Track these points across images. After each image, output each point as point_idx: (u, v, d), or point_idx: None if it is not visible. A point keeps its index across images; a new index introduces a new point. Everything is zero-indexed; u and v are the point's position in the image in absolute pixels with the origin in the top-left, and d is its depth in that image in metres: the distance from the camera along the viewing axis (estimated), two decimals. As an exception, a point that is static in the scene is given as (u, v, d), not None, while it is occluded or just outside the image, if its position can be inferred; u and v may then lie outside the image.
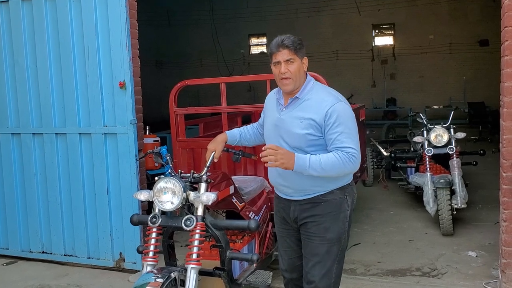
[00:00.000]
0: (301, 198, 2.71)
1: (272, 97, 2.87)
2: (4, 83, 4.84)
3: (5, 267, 4.87)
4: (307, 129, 2.58)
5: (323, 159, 2.51)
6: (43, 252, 4.90)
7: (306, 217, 2.70)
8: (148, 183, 5.00)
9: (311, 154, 2.54)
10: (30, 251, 4.96)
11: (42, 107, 4.72)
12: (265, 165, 2.52)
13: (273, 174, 2.80)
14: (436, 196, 5.27)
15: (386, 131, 10.95)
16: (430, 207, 5.28)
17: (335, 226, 2.68)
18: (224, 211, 4.25)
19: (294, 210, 2.74)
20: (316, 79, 3.50)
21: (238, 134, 3.15)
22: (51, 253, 4.86)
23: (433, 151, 5.61)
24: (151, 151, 3.30)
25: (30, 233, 4.93)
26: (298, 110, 2.64)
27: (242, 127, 3.22)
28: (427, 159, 5.60)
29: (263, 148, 2.50)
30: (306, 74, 2.72)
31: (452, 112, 6.18)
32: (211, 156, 3.00)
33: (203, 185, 2.92)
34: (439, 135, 5.68)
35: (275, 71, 2.67)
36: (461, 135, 5.74)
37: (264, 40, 20.04)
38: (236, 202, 3.65)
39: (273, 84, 3.61)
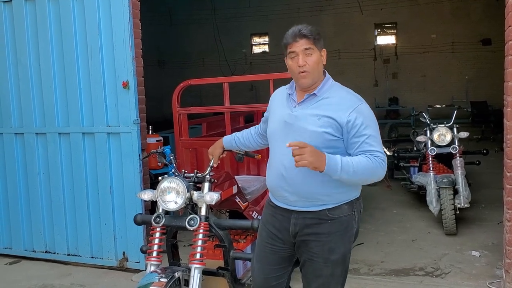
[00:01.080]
0: (305, 209, 2.39)
1: (281, 93, 2.60)
2: (7, 82, 4.85)
3: (9, 266, 4.88)
4: (326, 127, 2.30)
5: (355, 162, 2.23)
6: (46, 252, 4.91)
7: (309, 234, 2.39)
8: (151, 182, 5.01)
9: (349, 158, 2.27)
10: (34, 251, 4.96)
11: (45, 107, 4.73)
12: (295, 164, 2.18)
13: (275, 175, 2.45)
14: (439, 196, 5.26)
15: (389, 131, 10.95)
16: (433, 206, 5.28)
17: (341, 247, 2.40)
18: (227, 210, 4.26)
19: (296, 224, 2.41)
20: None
21: (233, 140, 3.02)
22: (55, 253, 4.87)
23: (436, 150, 5.60)
24: (155, 151, 3.31)
25: (33, 232, 4.94)
26: (315, 108, 2.36)
27: (239, 132, 3.07)
28: (430, 158, 5.59)
29: (287, 145, 2.21)
30: (325, 71, 2.48)
31: (455, 112, 6.17)
32: (211, 161, 3.02)
33: (206, 185, 2.92)
34: (442, 135, 5.67)
35: (291, 65, 2.39)
36: (464, 134, 5.72)
37: (266, 39, 20.05)
38: (239, 201, 3.66)
39: (276, 84, 3.61)
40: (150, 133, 5.96)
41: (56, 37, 4.61)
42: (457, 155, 5.53)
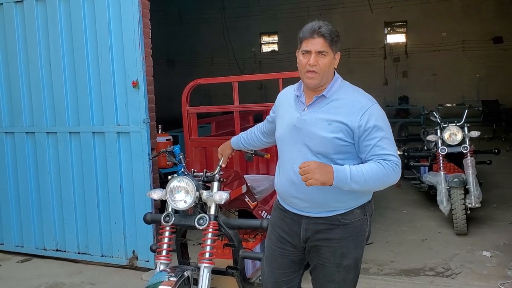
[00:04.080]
0: (317, 215, 2.31)
1: (289, 93, 2.47)
2: (19, 82, 4.89)
3: (20, 264, 4.93)
4: (337, 133, 2.20)
5: (366, 170, 2.14)
6: (57, 250, 4.95)
7: (320, 240, 2.32)
8: (161, 181, 5.02)
9: (360, 166, 2.18)
10: (45, 249, 5.00)
11: (56, 106, 4.76)
12: (306, 184, 2.11)
13: (285, 181, 2.36)
14: (449, 195, 5.22)
15: (399, 130, 10.86)
16: (444, 206, 5.24)
17: (353, 252, 2.32)
18: (237, 210, 4.26)
19: (307, 229, 2.33)
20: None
21: (240, 141, 2.99)
22: (65, 251, 4.91)
23: (446, 149, 5.55)
24: (164, 150, 3.32)
25: (44, 231, 4.98)
26: (325, 111, 2.26)
27: (244, 132, 3.04)
28: (440, 158, 5.55)
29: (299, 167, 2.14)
30: (334, 71, 2.36)
31: (466, 111, 6.12)
32: (220, 160, 3.02)
33: (215, 184, 2.93)
34: (453, 134, 5.63)
35: (301, 61, 2.27)
36: (475, 133, 5.68)
37: (275, 38, 20.01)
38: (248, 201, 3.66)
39: (286, 83, 3.61)
40: (159, 132, 5.98)
41: (67, 37, 4.64)
42: (468, 154, 5.48)
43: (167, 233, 2.95)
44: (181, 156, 3.19)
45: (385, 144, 2.19)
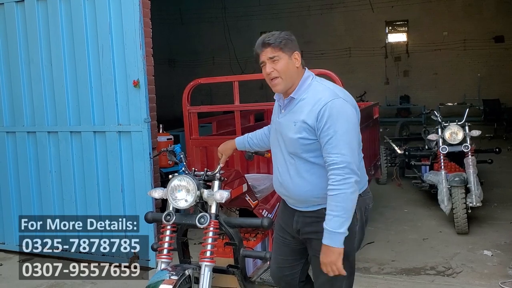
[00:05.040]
0: (305, 209, 2.46)
1: (276, 99, 2.60)
2: (20, 81, 4.90)
3: (21, 263, 4.92)
4: (300, 132, 2.29)
5: (335, 211, 2.20)
6: (58, 249, 4.94)
7: (310, 233, 2.45)
8: (162, 180, 5.03)
9: (326, 215, 2.23)
10: (46, 248, 4.99)
11: (57, 106, 4.77)
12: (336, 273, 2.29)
13: (274, 181, 2.60)
14: (450, 195, 5.22)
15: (400, 129, 10.86)
16: (445, 205, 5.24)
17: None
18: (237, 209, 4.26)
19: (297, 222, 2.50)
20: (329, 77, 3.46)
21: (246, 141, 3.04)
22: (66, 250, 4.90)
23: (447, 149, 5.56)
24: (165, 149, 3.32)
25: (45, 230, 4.97)
26: (293, 112, 2.36)
27: (251, 133, 3.08)
28: (441, 157, 5.55)
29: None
30: (305, 70, 2.44)
31: (468, 110, 6.12)
32: (220, 160, 3.06)
33: (216, 183, 2.93)
34: (454, 133, 5.63)
35: (263, 73, 2.45)
36: (476, 132, 5.68)
37: (276, 37, 20.02)
38: (249, 200, 3.65)
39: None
40: (160, 131, 5.99)
41: (68, 37, 4.64)
42: (469, 153, 5.48)
43: (168, 232, 2.95)
44: (181, 155, 3.19)
45: (335, 140, 2.20)
